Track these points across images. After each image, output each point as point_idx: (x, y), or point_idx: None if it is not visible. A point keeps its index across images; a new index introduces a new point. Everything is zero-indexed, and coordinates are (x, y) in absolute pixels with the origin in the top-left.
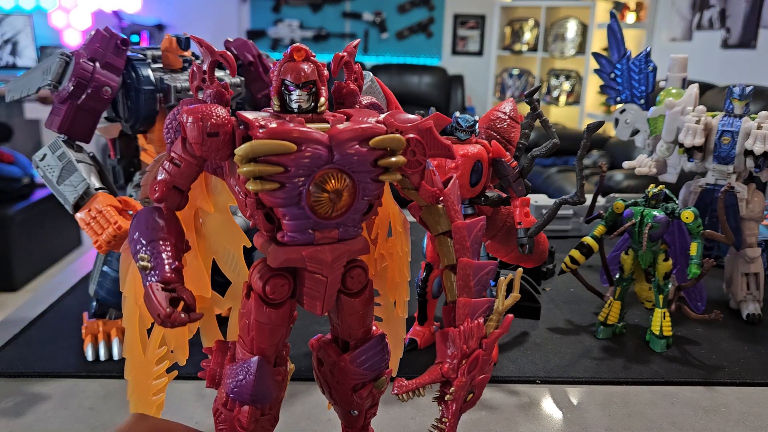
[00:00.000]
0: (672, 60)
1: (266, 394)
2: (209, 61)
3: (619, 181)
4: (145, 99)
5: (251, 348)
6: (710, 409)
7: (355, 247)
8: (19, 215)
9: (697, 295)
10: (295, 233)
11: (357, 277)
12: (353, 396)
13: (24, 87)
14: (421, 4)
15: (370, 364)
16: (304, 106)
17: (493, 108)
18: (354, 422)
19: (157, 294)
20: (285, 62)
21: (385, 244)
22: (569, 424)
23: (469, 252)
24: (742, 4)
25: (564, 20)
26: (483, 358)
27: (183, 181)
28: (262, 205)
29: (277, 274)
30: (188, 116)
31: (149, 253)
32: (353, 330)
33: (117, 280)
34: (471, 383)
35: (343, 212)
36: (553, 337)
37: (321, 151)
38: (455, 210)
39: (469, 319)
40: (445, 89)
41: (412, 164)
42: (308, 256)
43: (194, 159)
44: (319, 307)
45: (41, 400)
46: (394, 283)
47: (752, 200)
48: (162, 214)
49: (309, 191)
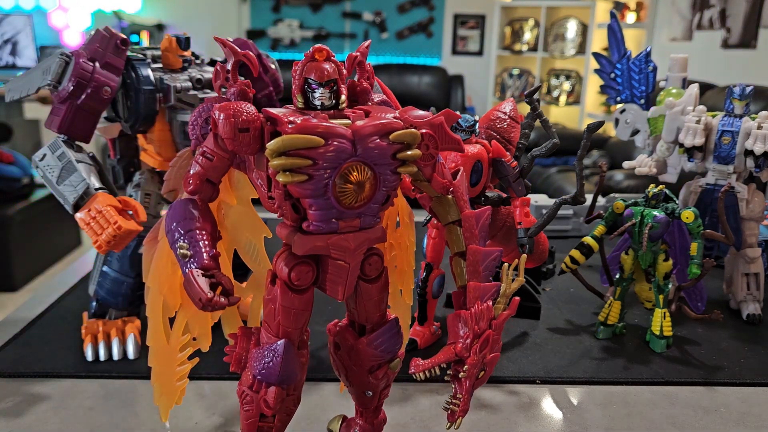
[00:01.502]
0: (672, 60)
1: (291, 375)
2: (232, 61)
3: (619, 181)
4: (145, 99)
5: (277, 332)
6: (710, 409)
7: (374, 235)
8: (19, 215)
9: (697, 295)
10: (321, 222)
11: (374, 264)
12: (369, 377)
13: (24, 87)
14: (421, 4)
15: (386, 347)
16: (326, 103)
17: (493, 108)
18: (368, 403)
19: (198, 280)
20: (307, 62)
21: (393, 234)
22: (569, 424)
23: (477, 239)
24: (743, 4)
25: (564, 20)
26: (493, 338)
27: (215, 174)
28: (290, 197)
29: (301, 262)
30: (220, 113)
31: (188, 242)
32: (370, 314)
33: (117, 280)
34: (482, 361)
35: (365, 202)
36: (553, 337)
37: (345, 145)
38: (464, 200)
39: (479, 302)
40: (445, 89)
41: (425, 157)
42: (332, 243)
43: (226, 153)
44: (340, 293)
45: (41, 400)
46: (401, 272)
47: (752, 200)
48: (196, 205)
49: (335, 183)
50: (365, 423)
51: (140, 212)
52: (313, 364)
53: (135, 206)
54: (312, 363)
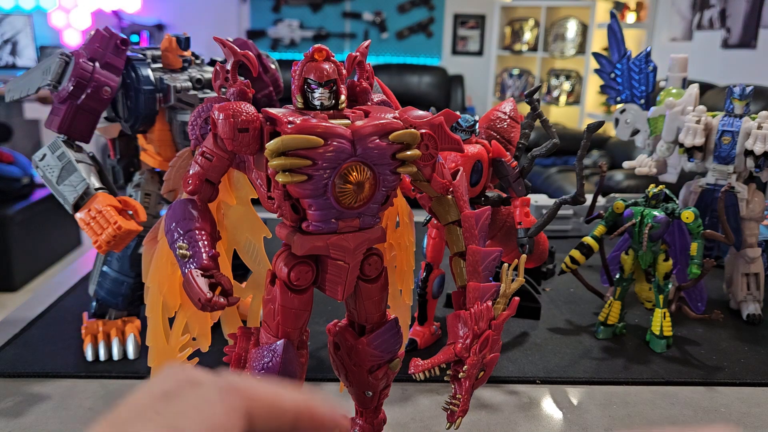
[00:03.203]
0: (672, 60)
1: (291, 375)
2: (232, 61)
3: (619, 181)
4: (145, 99)
5: (276, 332)
6: (710, 410)
7: (374, 235)
8: (19, 215)
9: (697, 296)
10: (320, 223)
11: (374, 264)
12: (369, 377)
13: (24, 87)
14: (421, 4)
15: (386, 347)
16: (326, 103)
17: (493, 108)
18: (368, 403)
19: (198, 280)
20: (307, 62)
21: (393, 234)
22: (569, 424)
23: (477, 239)
24: (743, 4)
25: (564, 20)
26: (493, 338)
27: (215, 174)
28: (290, 197)
29: (301, 262)
30: (220, 113)
31: (187, 242)
32: (370, 314)
33: (117, 280)
34: (482, 362)
35: (364, 202)
36: (553, 337)
37: (345, 145)
38: (464, 200)
39: (479, 302)
40: (445, 89)
41: (425, 157)
42: (332, 243)
43: (225, 153)
44: (340, 293)
45: (41, 400)
46: (401, 272)
47: (752, 200)
48: (196, 205)
49: (334, 183)
50: (365, 423)
51: (140, 212)
52: (313, 364)
53: (135, 206)
54: (312, 363)
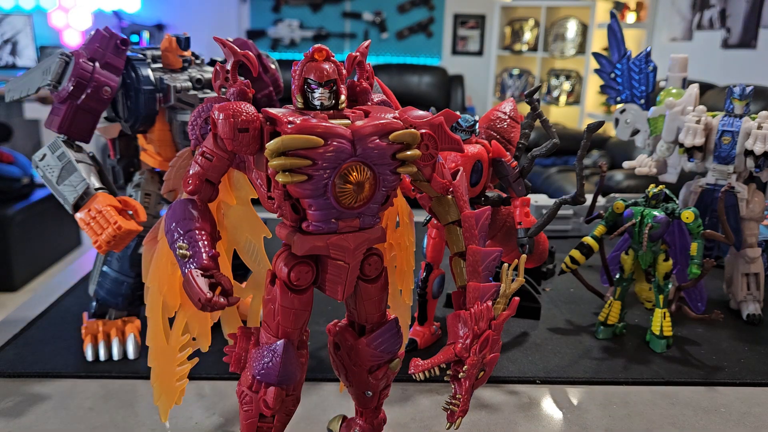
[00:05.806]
0: (672, 60)
1: (291, 375)
2: (232, 61)
3: (619, 181)
4: (145, 99)
5: (276, 332)
6: (710, 410)
7: (374, 235)
8: (19, 215)
9: (697, 296)
10: (320, 223)
11: (374, 264)
12: (369, 377)
13: (24, 87)
14: (421, 4)
15: (385, 347)
16: (326, 103)
17: (493, 108)
18: (368, 403)
19: (198, 280)
20: (307, 62)
21: (393, 235)
22: (569, 424)
23: (477, 240)
24: (743, 4)
25: (564, 20)
26: (493, 338)
27: (215, 174)
28: (290, 197)
29: (301, 262)
30: (220, 113)
31: (187, 242)
32: (370, 314)
33: (117, 280)
34: (482, 362)
35: (364, 202)
36: (553, 337)
37: (345, 145)
38: (464, 200)
39: (479, 302)
40: (445, 89)
41: (425, 157)
42: (332, 243)
43: (225, 153)
44: (340, 292)
45: (41, 400)
46: (401, 272)
47: (752, 200)
48: (196, 206)
49: (334, 183)
50: (365, 423)
51: (140, 212)
52: (313, 364)
53: (135, 206)
54: (312, 363)
